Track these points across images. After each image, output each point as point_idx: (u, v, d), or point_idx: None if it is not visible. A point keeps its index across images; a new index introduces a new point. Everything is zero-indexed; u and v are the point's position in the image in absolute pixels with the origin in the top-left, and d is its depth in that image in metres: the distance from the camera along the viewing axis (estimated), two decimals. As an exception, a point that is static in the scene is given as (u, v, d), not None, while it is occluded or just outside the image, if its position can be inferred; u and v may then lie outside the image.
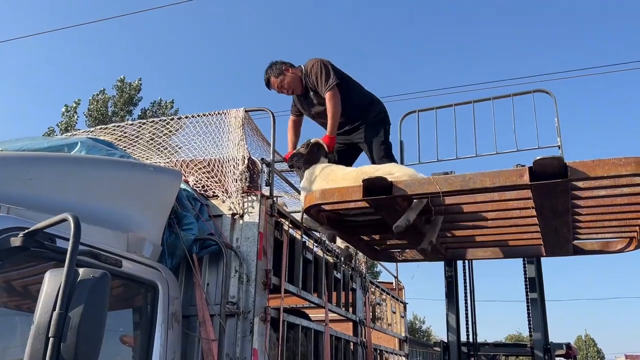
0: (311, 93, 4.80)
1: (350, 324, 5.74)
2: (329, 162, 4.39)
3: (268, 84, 4.94)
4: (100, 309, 1.77)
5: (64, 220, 1.85)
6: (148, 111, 22.12)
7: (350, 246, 4.75)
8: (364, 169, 3.96)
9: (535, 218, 3.67)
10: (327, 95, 4.58)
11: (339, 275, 5.18)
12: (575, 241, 4.34)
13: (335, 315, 5.13)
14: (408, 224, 3.54)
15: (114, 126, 4.45)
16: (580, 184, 3.16)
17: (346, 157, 4.94)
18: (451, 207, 3.87)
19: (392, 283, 8.28)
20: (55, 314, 1.67)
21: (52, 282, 1.74)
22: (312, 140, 4.42)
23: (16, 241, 1.99)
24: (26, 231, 1.99)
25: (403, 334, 7.78)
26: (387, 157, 4.76)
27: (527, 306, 5.34)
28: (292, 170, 4.61)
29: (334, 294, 5.10)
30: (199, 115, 4.04)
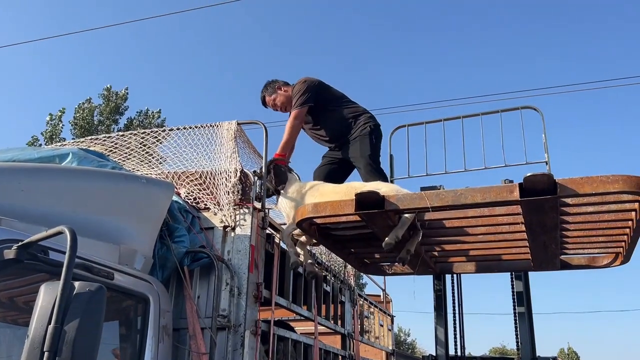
0: None
1: (339, 337, 5.73)
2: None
3: (264, 102, 5.02)
4: (96, 323, 1.76)
5: (59, 233, 1.84)
6: (134, 120, 21.98)
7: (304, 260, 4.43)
8: (353, 185, 3.99)
9: (524, 233, 3.71)
10: (291, 114, 4.65)
11: (328, 288, 5.18)
12: (563, 256, 4.40)
13: (324, 328, 5.12)
14: (397, 240, 3.57)
15: (105, 137, 4.42)
16: (568, 200, 3.22)
17: (338, 173, 4.92)
18: (440, 222, 3.91)
19: (379, 296, 8.28)
20: (50, 327, 1.66)
21: (47, 296, 1.73)
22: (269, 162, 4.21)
23: (10, 254, 1.97)
24: (20, 243, 1.98)
25: (390, 347, 7.78)
26: (375, 172, 4.70)
27: (515, 320, 5.37)
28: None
29: (323, 306, 5.09)
30: (191, 127, 4.04)
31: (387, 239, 3.57)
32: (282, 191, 4.24)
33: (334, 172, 4.88)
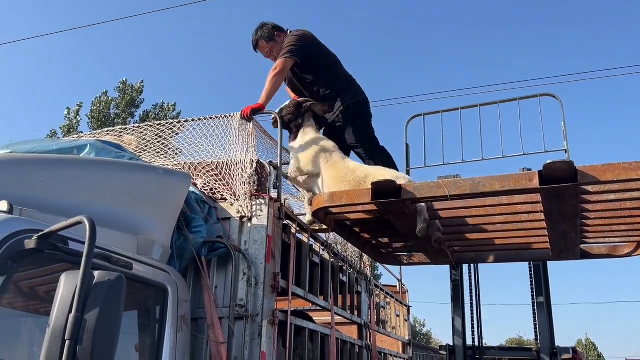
0: None
1: (355, 327, 5.73)
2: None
3: (256, 46, 4.65)
4: (116, 311, 1.77)
5: (79, 223, 1.84)
6: (150, 113, 22.15)
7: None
8: (369, 172, 3.94)
9: (543, 222, 3.67)
10: (276, 62, 4.31)
11: (344, 279, 5.17)
12: (583, 245, 4.35)
13: (341, 318, 5.12)
14: (428, 223, 3.55)
15: (121, 129, 4.45)
16: (589, 188, 3.17)
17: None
18: (458, 211, 3.88)
19: (396, 286, 8.26)
20: (71, 316, 1.67)
21: (67, 285, 1.74)
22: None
23: (30, 243, 1.98)
24: (40, 234, 1.99)
25: (407, 337, 7.77)
26: (371, 157, 4.43)
27: (533, 310, 5.34)
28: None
29: (340, 297, 5.09)
30: (205, 119, 4.04)
31: (418, 227, 3.54)
32: (299, 134, 4.23)
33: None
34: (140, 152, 4.03)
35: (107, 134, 4.43)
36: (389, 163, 4.40)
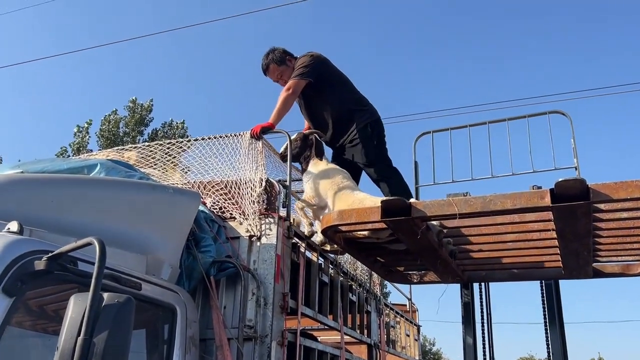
0: None
1: (365, 347, 5.66)
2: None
3: (266, 70, 4.64)
4: (125, 334, 1.75)
5: (89, 244, 1.84)
6: (159, 132, 22.29)
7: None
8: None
9: (555, 240, 3.62)
10: (288, 83, 4.34)
11: (354, 298, 5.12)
12: (595, 264, 4.28)
13: (350, 338, 5.06)
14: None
15: (131, 147, 4.47)
16: (601, 206, 3.13)
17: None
18: (469, 229, 3.84)
19: (405, 305, 8.18)
20: (80, 339, 1.66)
21: (76, 307, 1.73)
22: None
23: (40, 265, 1.98)
24: (50, 255, 1.99)
25: (417, 357, 7.66)
26: (385, 178, 4.44)
27: (545, 329, 5.23)
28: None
29: (349, 316, 5.04)
30: (215, 137, 4.05)
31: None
32: (310, 163, 4.23)
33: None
34: (150, 170, 4.04)
35: (117, 152, 4.45)
36: (401, 185, 4.40)
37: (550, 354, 5.15)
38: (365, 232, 3.81)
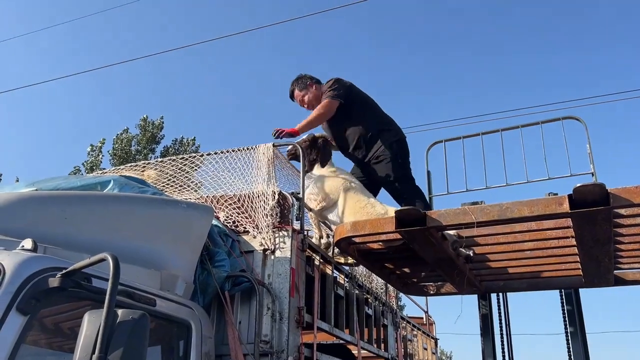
0: None
1: (382, 361, 5.57)
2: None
3: (292, 95, 4.93)
4: (140, 351, 1.73)
5: (102, 260, 1.82)
6: (170, 148, 22.44)
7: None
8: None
9: (575, 248, 3.55)
10: (322, 102, 4.55)
11: (370, 311, 5.06)
12: (617, 271, 4.19)
13: (367, 352, 4.99)
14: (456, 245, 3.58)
15: (143, 164, 4.48)
16: (622, 211, 3.06)
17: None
18: (485, 238, 3.78)
19: (422, 318, 8.07)
20: (95, 357, 1.63)
21: (91, 324, 1.70)
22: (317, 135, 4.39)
23: (54, 282, 1.97)
24: (64, 271, 1.97)
25: (435, 371, 7.55)
26: (409, 197, 4.44)
27: (567, 340, 5.11)
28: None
29: (366, 330, 4.97)
30: (227, 151, 4.05)
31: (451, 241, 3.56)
32: (315, 167, 4.32)
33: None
34: (163, 186, 4.04)
35: (130, 169, 4.47)
36: (423, 202, 4.38)
37: (573, 365, 5.03)
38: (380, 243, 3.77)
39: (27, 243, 2.12)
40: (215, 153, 4.08)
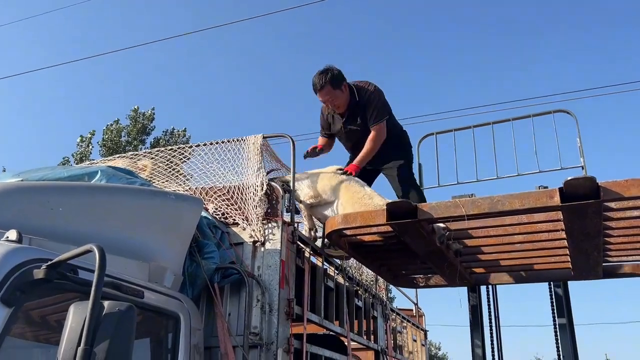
0: (357, 117, 4.56)
1: (372, 353, 5.58)
2: None
3: (321, 89, 4.41)
4: (126, 343, 1.70)
5: (88, 251, 1.79)
6: (161, 140, 22.29)
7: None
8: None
9: (564, 241, 3.57)
10: (375, 128, 4.44)
11: (360, 303, 5.06)
12: (605, 264, 4.21)
13: (357, 344, 4.99)
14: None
15: (132, 154, 4.43)
16: (612, 204, 3.07)
17: (365, 179, 4.78)
18: (476, 231, 3.78)
19: (411, 310, 8.09)
20: (80, 349, 1.60)
21: (76, 316, 1.68)
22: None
23: (39, 273, 1.93)
24: (49, 263, 1.93)
25: (424, 363, 7.58)
26: (412, 190, 4.60)
27: (555, 332, 5.15)
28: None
29: (355, 322, 4.96)
30: (217, 143, 4.01)
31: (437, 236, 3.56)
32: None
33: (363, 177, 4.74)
34: (153, 178, 3.99)
35: (122, 158, 4.41)
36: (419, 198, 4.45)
37: (561, 356, 5.07)
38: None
39: (12, 234, 2.08)
40: (205, 144, 4.04)
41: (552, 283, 5.06)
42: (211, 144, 4.03)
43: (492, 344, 5.35)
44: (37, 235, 2.25)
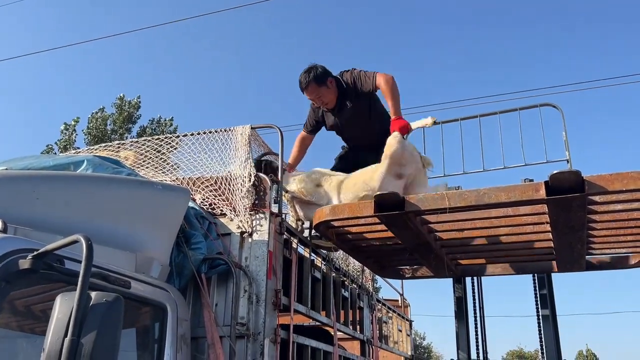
0: (347, 102, 4.48)
1: (358, 343, 5.63)
2: None
3: (306, 87, 4.41)
4: (114, 334, 1.69)
5: (75, 241, 1.78)
6: (147, 129, 22.08)
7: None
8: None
9: (549, 233, 3.61)
10: (378, 80, 4.23)
11: (346, 294, 5.08)
12: (589, 256, 4.28)
13: (343, 334, 5.02)
14: None
15: (118, 144, 4.39)
16: (596, 198, 3.11)
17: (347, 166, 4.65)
18: (462, 223, 3.81)
19: (397, 300, 8.16)
20: (66, 340, 1.60)
21: (63, 307, 1.67)
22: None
23: (25, 263, 1.91)
24: (35, 253, 1.92)
25: (409, 353, 7.65)
26: None
27: (538, 323, 5.23)
28: None
29: (342, 312, 5.00)
30: (204, 133, 3.98)
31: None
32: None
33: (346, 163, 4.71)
34: (138, 168, 3.96)
35: (105, 149, 4.37)
36: None
37: (544, 347, 5.15)
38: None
39: (-3, 223, 2.06)
40: (192, 134, 4.01)
41: (536, 275, 5.13)
42: (198, 133, 4.00)
43: (476, 333, 5.43)
44: (23, 225, 2.23)
